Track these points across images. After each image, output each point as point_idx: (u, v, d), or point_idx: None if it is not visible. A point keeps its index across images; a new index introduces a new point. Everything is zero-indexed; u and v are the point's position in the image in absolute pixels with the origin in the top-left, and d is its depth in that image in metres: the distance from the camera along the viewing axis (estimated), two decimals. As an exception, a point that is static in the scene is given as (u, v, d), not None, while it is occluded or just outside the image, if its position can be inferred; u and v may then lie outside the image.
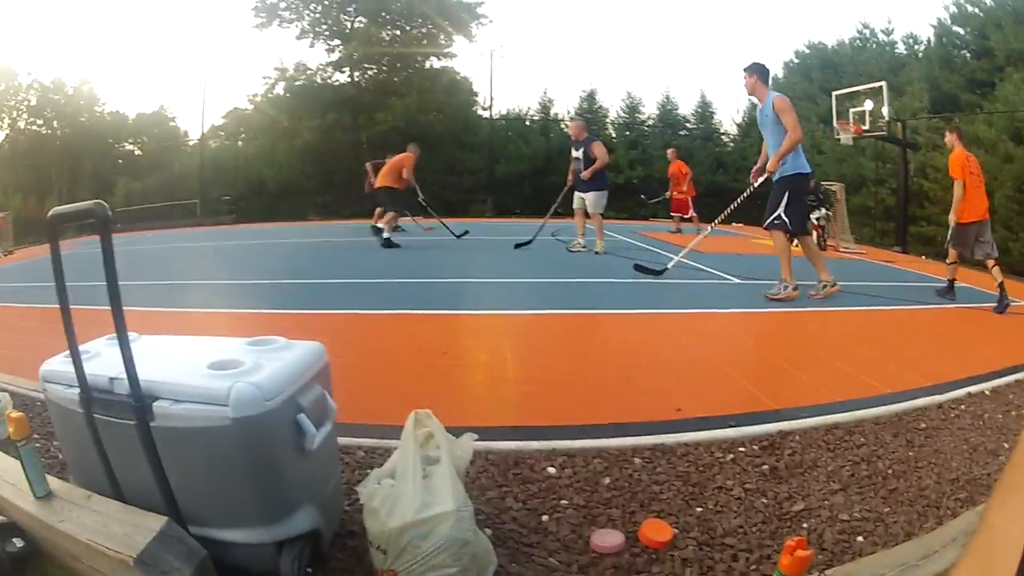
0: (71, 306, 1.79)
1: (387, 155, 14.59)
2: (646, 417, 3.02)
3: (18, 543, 1.77)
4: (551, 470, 2.50)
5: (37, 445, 2.08)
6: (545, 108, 32.24)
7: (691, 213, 16.42)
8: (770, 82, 7.06)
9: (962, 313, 7.03)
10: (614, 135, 30.59)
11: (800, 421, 3.02)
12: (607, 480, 2.42)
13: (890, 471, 2.57)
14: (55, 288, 1.76)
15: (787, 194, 6.75)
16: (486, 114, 33.96)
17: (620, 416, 3.02)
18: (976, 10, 20.74)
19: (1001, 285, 7.06)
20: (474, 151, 31.34)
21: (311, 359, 1.90)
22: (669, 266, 7.86)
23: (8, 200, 34.41)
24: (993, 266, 7.40)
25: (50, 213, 1.74)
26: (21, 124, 46.18)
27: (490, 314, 5.61)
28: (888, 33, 26.74)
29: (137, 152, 52.03)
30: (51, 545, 1.74)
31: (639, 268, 7.98)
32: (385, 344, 4.64)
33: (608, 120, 31.94)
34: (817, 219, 13.96)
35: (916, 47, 25.01)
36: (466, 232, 13.23)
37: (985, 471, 2.66)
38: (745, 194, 7.71)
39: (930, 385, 3.75)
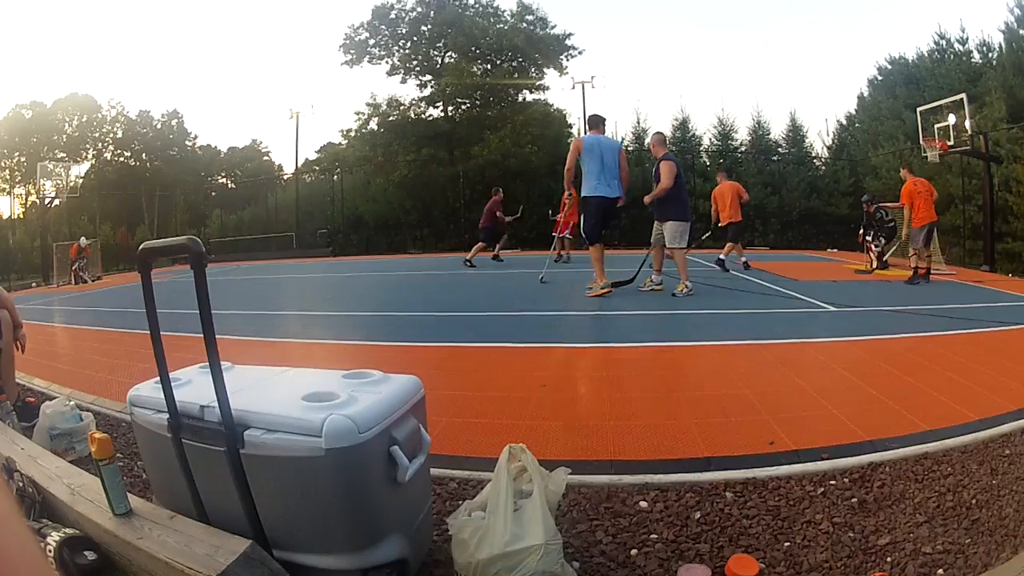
0: (162, 333, 1.85)
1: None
2: (740, 451, 2.98)
3: (90, 556, 1.82)
4: (643, 504, 2.48)
5: (120, 465, 2.13)
6: (639, 137, 31.29)
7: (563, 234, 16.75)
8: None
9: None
10: (708, 163, 30.04)
11: (891, 452, 2.94)
12: (698, 514, 2.39)
13: (974, 501, 2.48)
14: (147, 318, 1.82)
15: (582, 214, 8.88)
16: (581, 145, 33.92)
17: (714, 450, 2.99)
18: None
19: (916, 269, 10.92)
20: (571, 183, 31.00)
21: (407, 393, 1.93)
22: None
23: (96, 229, 35.73)
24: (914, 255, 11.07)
25: (141, 247, 1.80)
26: (107, 155, 48.14)
27: (588, 347, 5.59)
28: (963, 42, 26.09)
29: (230, 185, 53.81)
30: (127, 561, 1.78)
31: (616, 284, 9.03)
32: (483, 377, 4.66)
33: (702, 148, 31.46)
34: (872, 241, 13.84)
35: (990, 55, 24.37)
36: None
37: None
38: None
39: (1016, 409, 3.62)
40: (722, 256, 13.25)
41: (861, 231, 14.67)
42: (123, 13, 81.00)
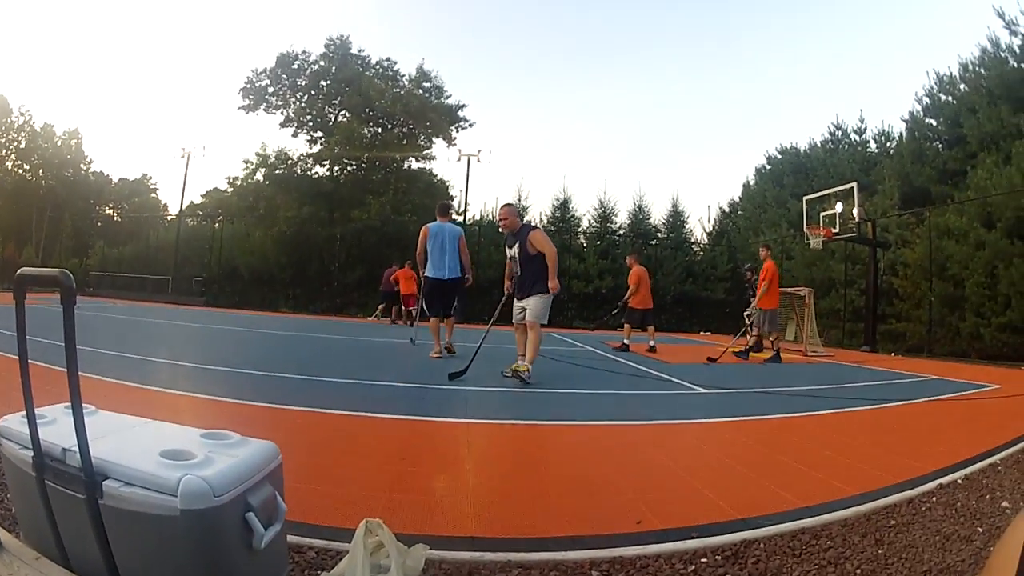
0: (35, 362, 1.80)
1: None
2: (606, 530, 2.92)
3: None
4: (505, 583, 2.41)
5: None
6: (519, 215, 32.15)
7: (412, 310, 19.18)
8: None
9: (931, 406, 7.26)
10: (585, 244, 31.15)
11: (765, 529, 2.96)
12: (564, 594, 2.34)
13: (858, 571, 2.53)
14: (17, 347, 1.74)
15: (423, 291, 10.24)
16: (460, 218, 34.27)
17: (579, 529, 2.92)
18: (949, 98, 21.48)
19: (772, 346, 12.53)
20: (446, 255, 31.20)
21: (263, 458, 1.86)
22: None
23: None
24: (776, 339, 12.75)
25: (17, 273, 1.73)
26: (9, 165, 46.35)
27: (452, 422, 5.39)
28: (860, 132, 27.70)
29: (116, 218, 52.67)
30: (-2, 596, 1.70)
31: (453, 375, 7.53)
32: (344, 446, 4.43)
33: (580, 229, 32.52)
34: (746, 309, 14.44)
35: (888, 144, 25.86)
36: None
37: (958, 558, 2.66)
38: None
39: (900, 482, 3.75)
40: (652, 342, 13.48)
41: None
42: (39, 20, 78.27)
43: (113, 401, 2.17)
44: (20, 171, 46.96)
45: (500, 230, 8.62)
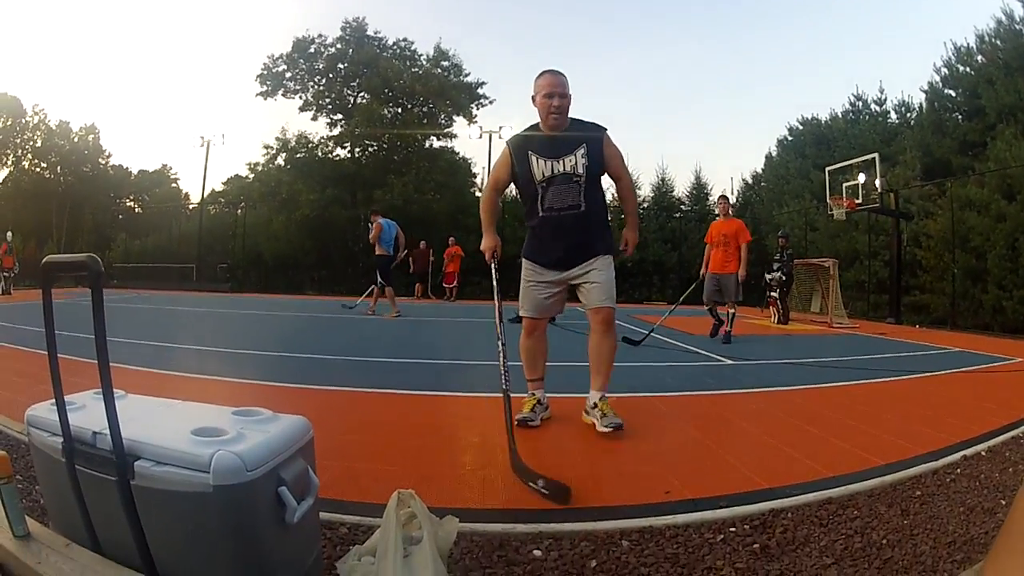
0: (62, 355, 1.78)
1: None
2: (635, 500, 2.92)
3: None
4: (537, 553, 2.41)
5: (19, 486, 2.05)
6: None
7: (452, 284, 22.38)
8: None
9: (954, 378, 7.20)
10: (610, 219, 30.77)
11: (793, 499, 2.96)
12: (593, 563, 2.34)
13: (884, 541, 2.52)
14: (45, 335, 1.75)
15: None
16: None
17: (607, 500, 2.94)
18: (967, 69, 21.02)
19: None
20: (470, 233, 30.74)
21: (295, 433, 1.87)
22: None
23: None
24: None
25: (44, 260, 1.74)
26: (25, 164, 46.60)
27: (481, 396, 5.38)
28: (881, 103, 27.10)
29: (138, 210, 52.83)
30: (26, 584, 1.71)
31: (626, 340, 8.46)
32: (373, 423, 4.46)
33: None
34: (770, 279, 14.69)
35: (908, 115, 25.34)
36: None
37: (982, 530, 2.65)
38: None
39: (925, 453, 3.74)
40: None
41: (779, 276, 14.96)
42: (50, 17, 78.52)
43: (142, 387, 2.18)
44: (38, 170, 47.16)
45: (552, 118, 4.29)
